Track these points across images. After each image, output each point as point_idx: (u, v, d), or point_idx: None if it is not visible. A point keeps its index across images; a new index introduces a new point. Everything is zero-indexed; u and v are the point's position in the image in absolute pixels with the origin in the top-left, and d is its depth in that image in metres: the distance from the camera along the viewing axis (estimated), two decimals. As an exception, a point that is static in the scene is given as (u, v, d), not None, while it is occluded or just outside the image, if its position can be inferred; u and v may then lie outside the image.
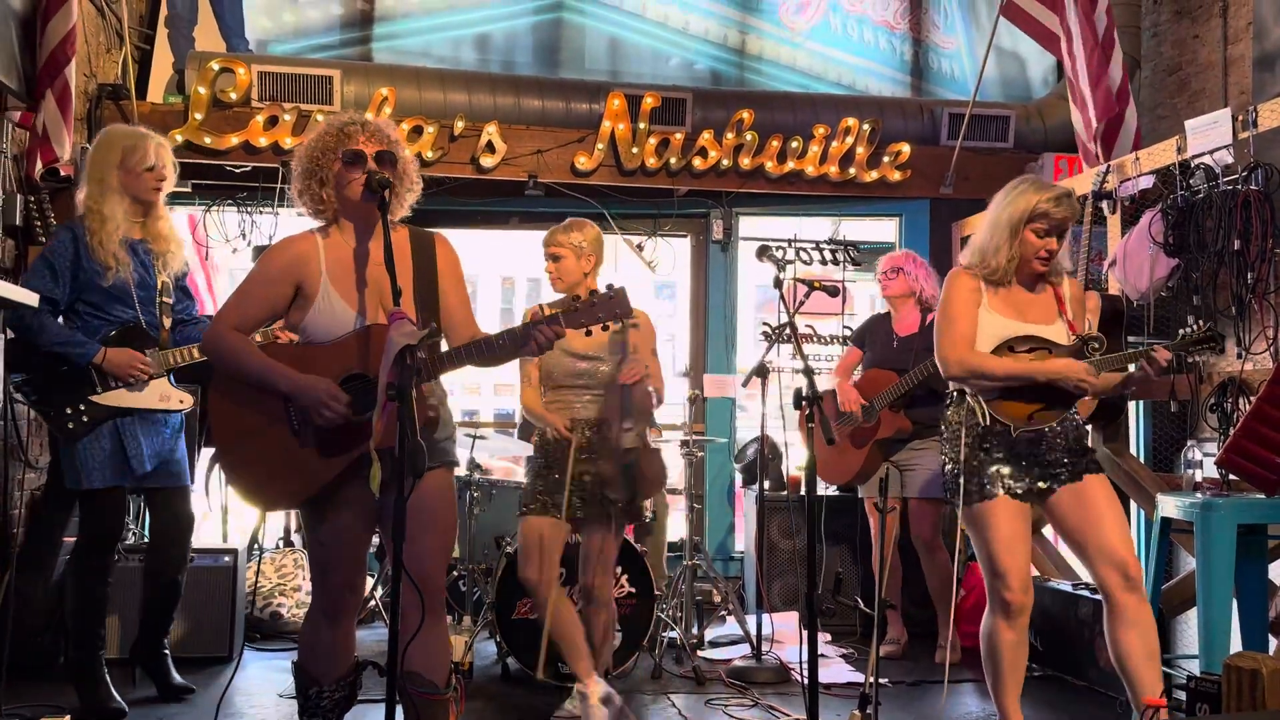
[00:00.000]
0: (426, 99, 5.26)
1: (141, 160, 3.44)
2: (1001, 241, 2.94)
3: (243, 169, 5.13)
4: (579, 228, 3.39)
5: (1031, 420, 2.93)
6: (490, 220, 5.81)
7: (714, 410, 5.79)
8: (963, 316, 2.95)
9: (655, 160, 5.40)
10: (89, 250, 3.36)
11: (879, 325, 4.69)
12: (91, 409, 3.35)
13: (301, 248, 2.52)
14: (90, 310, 3.39)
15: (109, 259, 3.36)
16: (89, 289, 3.37)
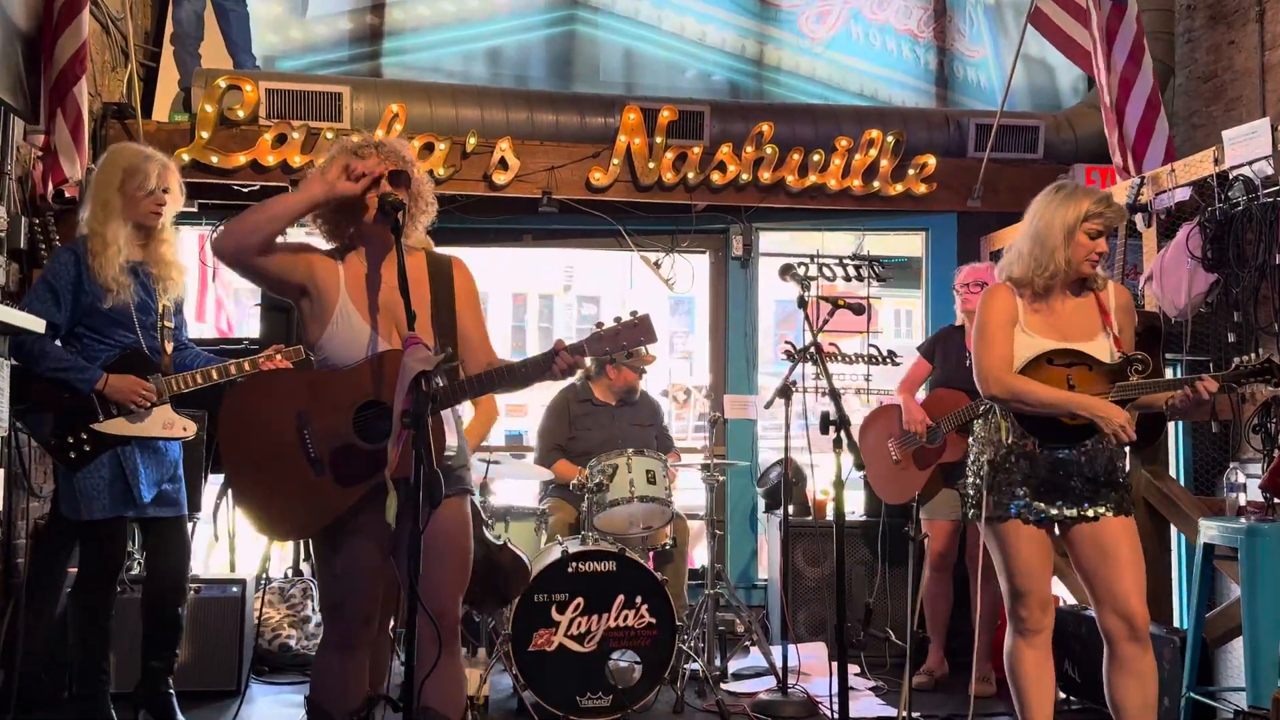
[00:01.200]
0: (438, 115, 5.32)
1: (141, 184, 3.47)
2: (1056, 246, 2.94)
3: (251, 188, 5.19)
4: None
5: (1059, 438, 2.93)
6: (503, 238, 5.86)
7: (735, 432, 5.79)
8: (999, 334, 2.97)
9: (672, 175, 5.43)
10: (90, 273, 3.39)
11: (951, 340, 4.53)
12: (94, 438, 3.36)
13: (325, 259, 2.58)
14: (91, 335, 3.42)
15: (110, 282, 3.38)
16: (90, 312, 3.40)
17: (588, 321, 21.42)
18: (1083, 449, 2.94)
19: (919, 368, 4.69)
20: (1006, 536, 2.94)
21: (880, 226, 5.98)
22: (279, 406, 2.49)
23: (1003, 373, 2.94)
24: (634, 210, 5.64)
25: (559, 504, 4.74)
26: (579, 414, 4.94)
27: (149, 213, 3.48)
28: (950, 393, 4.44)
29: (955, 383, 4.44)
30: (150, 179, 3.48)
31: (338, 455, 2.47)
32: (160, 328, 3.50)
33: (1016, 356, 2.96)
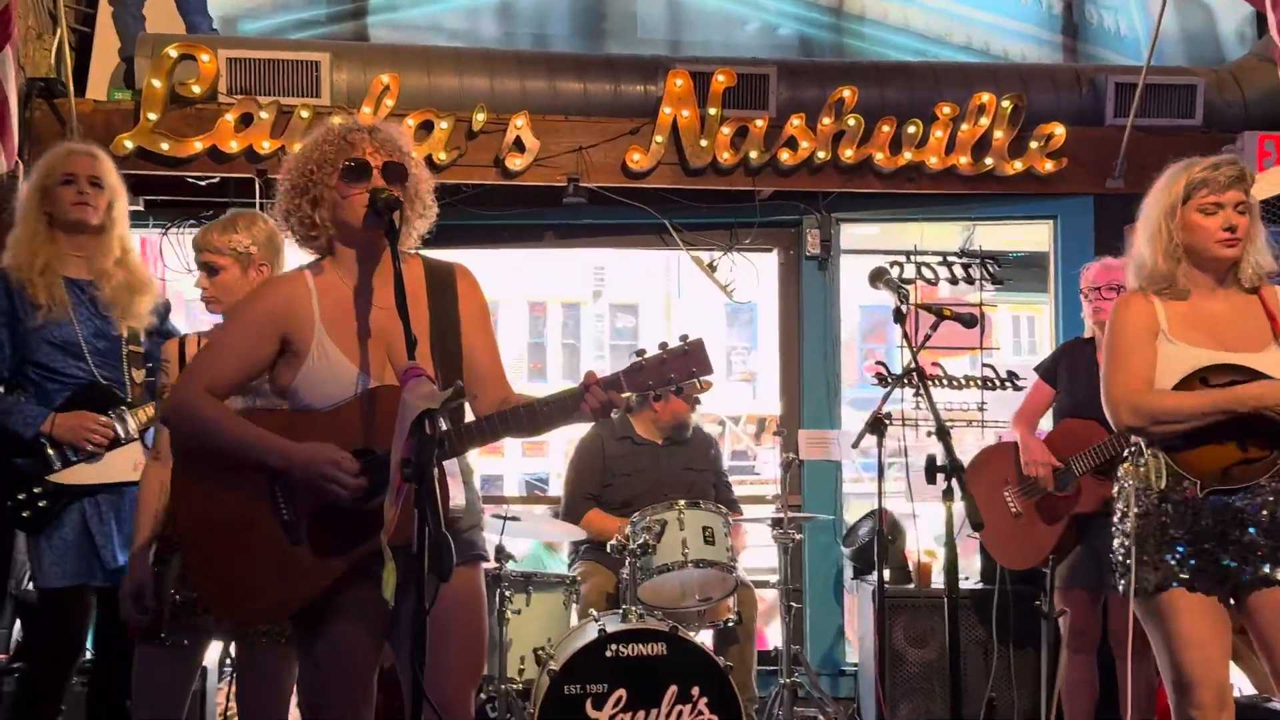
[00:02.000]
0: (438, 86, 5.37)
1: (54, 170, 3.54)
2: (1165, 237, 2.95)
3: (209, 180, 5.26)
4: (246, 224, 3.24)
5: (1229, 476, 2.88)
6: (519, 236, 5.87)
7: (814, 477, 5.76)
8: (1135, 350, 2.94)
9: (730, 155, 5.43)
10: (21, 295, 3.45)
11: (1080, 356, 4.52)
12: (51, 491, 3.42)
13: (289, 290, 2.57)
14: (42, 374, 3.48)
15: (37, 294, 3.44)
16: (34, 346, 3.46)
17: (623, 336, 21.45)
18: (1258, 491, 2.88)
19: (1039, 394, 4.64)
20: (1167, 611, 2.89)
21: (995, 214, 5.92)
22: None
23: (1136, 394, 2.91)
24: (682, 200, 5.63)
25: (593, 569, 4.74)
26: (617, 455, 4.95)
27: (71, 206, 3.52)
28: (1082, 423, 4.37)
29: (1087, 410, 4.34)
30: (63, 163, 3.54)
31: (320, 516, 2.47)
32: (125, 354, 3.55)
33: (1164, 373, 2.92)
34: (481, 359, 2.63)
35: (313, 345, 2.53)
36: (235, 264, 3.21)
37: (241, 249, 3.20)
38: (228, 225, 3.23)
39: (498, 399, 2.60)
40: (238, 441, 2.48)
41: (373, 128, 2.61)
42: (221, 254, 3.21)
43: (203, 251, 3.24)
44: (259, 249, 3.22)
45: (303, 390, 2.53)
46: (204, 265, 3.24)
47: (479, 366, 2.62)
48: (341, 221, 2.56)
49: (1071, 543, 4.40)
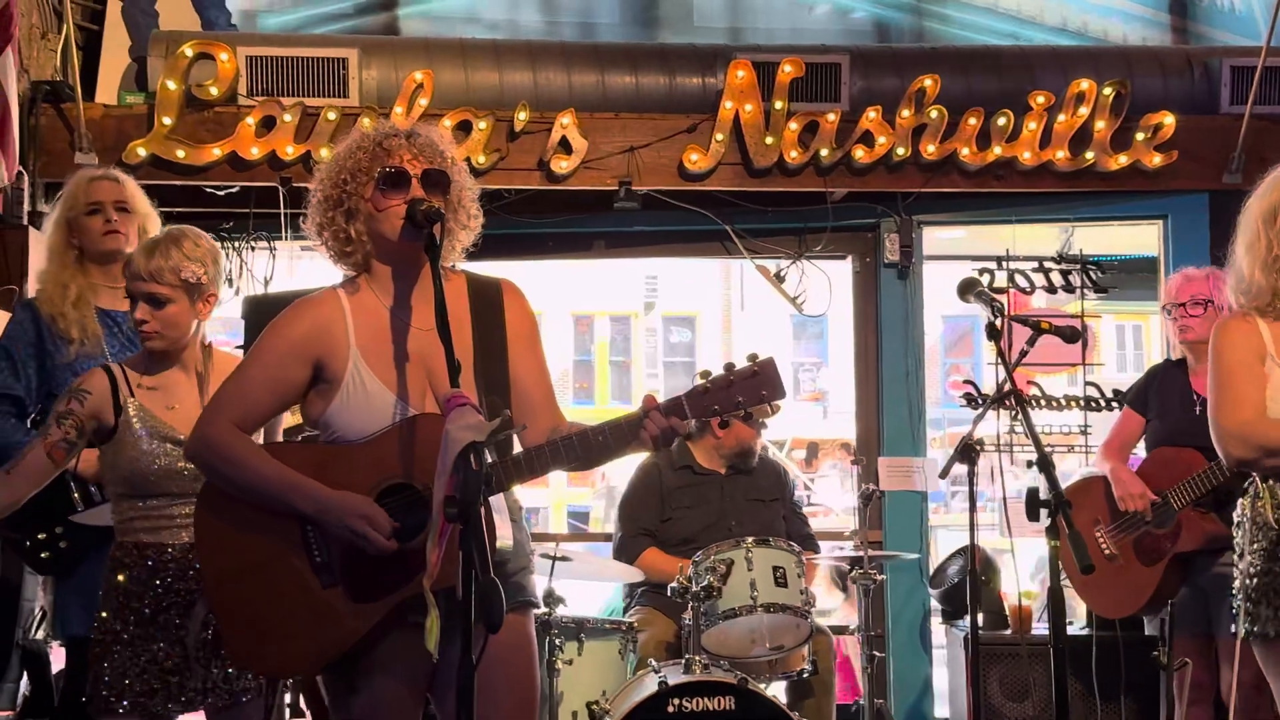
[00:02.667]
0: (476, 82, 5.44)
1: (77, 201, 3.66)
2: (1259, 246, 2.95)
3: (229, 190, 5.36)
4: (191, 245, 3.11)
5: None
6: (565, 245, 5.91)
7: (897, 510, 5.73)
8: (1240, 377, 2.95)
9: (799, 153, 5.43)
10: (50, 327, 3.56)
11: (1171, 380, 4.50)
12: (73, 534, 3.47)
13: (321, 312, 2.61)
14: None
15: (69, 327, 3.55)
16: (62, 380, 3.53)
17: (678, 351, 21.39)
18: None
19: (1129, 423, 4.61)
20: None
21: (1097, 214, 5.88)
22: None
23: (1244, 425, 2.91)
24: (745, 203, 5.65)
25: (651, 615, 4.73)
26: (675, 486, 4.94)
27: (101, 236, 3.64)
28: (1178, 452, 4.32)
29: (1183, 437, 4.30)
30: (89, 191, 3.65)
31: (355, 560, 2.48)
32: None
33: (1275, 400, 2.92)
34: (531, 384, 2.65)
35: (348, 372, 2.56)
36: (184, 295, 3.09)
37: (192, 278, 3.08)
38: (168, 247, 3.09)
39: (548, 428, 2.61)
40: (267, 483, 2.52)
41: (411, 132, 2.64)
42: (167, 283, 3.07)
43: (145, 280, 3.07)
44: (209, 276, 3.12)
45: (337, 421, 2.57)
46: (147, 297, 3.08)
47: (528, 393, 2.63)
48: (378, 235, 2.59)
49: (1175, 585, 4.35)
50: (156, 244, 3.11)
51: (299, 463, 2.54)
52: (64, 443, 3.10)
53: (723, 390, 2.41)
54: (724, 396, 2.41)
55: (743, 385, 2.41)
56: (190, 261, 3.08)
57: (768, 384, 2.41)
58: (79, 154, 5.14)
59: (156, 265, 3.07)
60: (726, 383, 2.41)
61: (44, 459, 3.11)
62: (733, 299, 17.94)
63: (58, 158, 5.22)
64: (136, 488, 3.08)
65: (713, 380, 2.43)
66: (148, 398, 3.11)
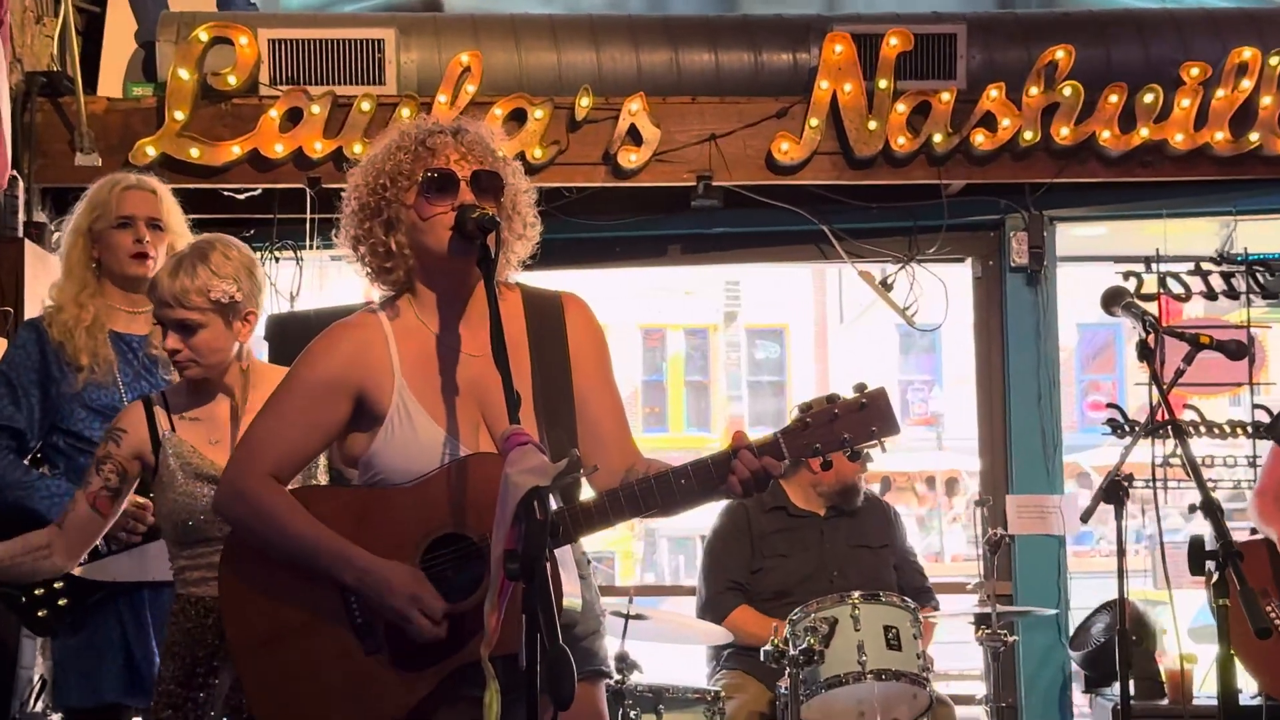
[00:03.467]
0: (531, 64, 5.47)
1: (107, 211, 3.67)
2: None
3: (250, 193, 5.43)
4: (219, 260, 3.11)
5: None
6: (635, 251, 5.94)
7: (1029, 557, 5.69)
8: None
9: (907, 140, 5.42)
10: (58, 351, 3.60)
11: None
12: (75, 588, 3.50)
13: (361, 337, 2.62)
14: (74, 443, 3.60)
15: (79, 354, 3.58)
16: (68, 412, 3.60)
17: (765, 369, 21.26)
18: None
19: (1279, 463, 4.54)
20: None
21: (1264, 207, 5.82)
22: (309, 546, 2.57)
23: None
24: (844, 199, 5.64)
25: (742, 682, 4.72)
26: (767, 530, 4.93)
27: (129, 259, 3.66)
28: None
29: None
30: (120, 203, 3.67)
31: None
32: None
33: None
34: (601, 417, 2.64)
35: (392, 405, 2.56)
36: (217, 317, 3.11)
37: (224, 297, 3.09)
38: (194, 265, 3.10)
39: (622, 468, 2.60)
40: (303, 546, 2.53)
41: (457, 127, 2.64)
42: (198, 307, 3.08)
43: (173, 306, 3.09)
44: (244, 293, 3.13)
45: (380, 462, 2.58)
46: (176, 324, 3.10)
47: (598, 427, 2.63)
48: (422, 248, 2.59)
49: None
50: (180, 262, 3.11)
51: (337, 510, 2.56)
52: (106, 490, 3.13)
53: (826, 426, 2.40)
54: (827, 433, 2.40)
55: (849, 420, 2.40)
56: (220, 279, 3.09)
57: (879, 419, 2.40)
58: (80, 155, 5.23)
59: (181, 287, 3.07)
60: (830, 417, 2.40)
61: (88, 512, 3.14)
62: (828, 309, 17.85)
63: (56, 159, 5.32)
64: (182, 534, 3.10)
65: (814, 414, 2.42)
66: (189, 431, 3.14)
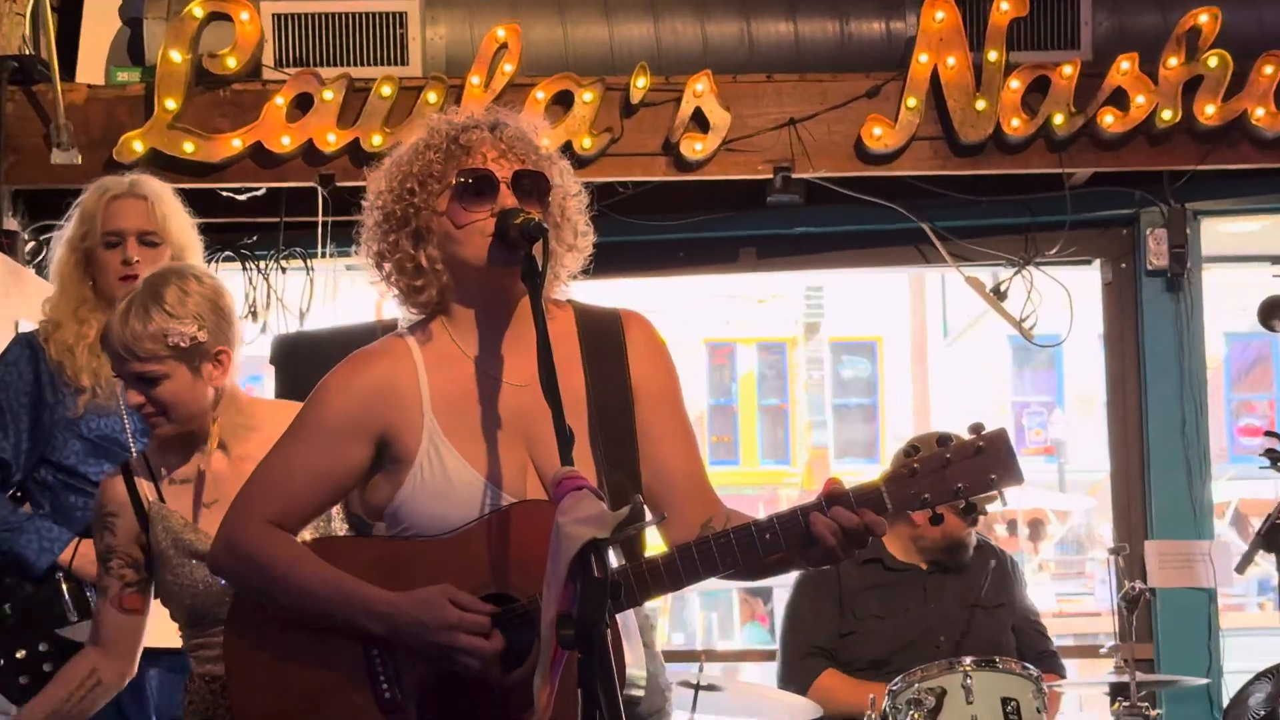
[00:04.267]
0: (577, 39, 5.48)
1: (93, 226, 3.74)
2: None
3: (253, 194, 5.46)
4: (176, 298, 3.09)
5: None
6: (701, 255, 5.94)
7: (1173, 614, 5.66)
8: None
9: (1022, 121, 5.38)
10: (54, 371, 3.67)
11: None
12: (62, 652, 3.54)
13: (385, 368, 2.62)
14: (65, 479, 3.68)
15: (80, 374, 3.64)
16: (62, 440, 3.67)
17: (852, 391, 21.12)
18: None
19: None
20: None
21: None
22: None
23: None
24: (948, 191, 5.63)
25: (833, 763, 4.71)
26: (860, 587, 4.90)
27: (116, 281, 3.71)
28: None
29: None
30: (106, 215, 3.73)
31: (438, 695, 2.49)
32: None
33: None
34: (670, 457, 2.64)
35: (422, 447, 2.56)
36: (179, 364, 3.10)
37: (185, 341, 3.08)
38: (146, 306, 3.09)
39: (696, 518, 2.58)
40: (316, 595, 2.52)
41: (495, 121, 2.64)
42: (154, 355, 3.07)
43: (125, 360, 3.09)
44: (208, 331, 3.11)
45: (408, 513, 2.57)
46: (133, 378, 3.11)
47: (667, 469, 2.62)
48: (457, 261, 2.59)
49: None
50: (130, 304, 3.08)
51: (358, 566, 2.55)
52: (128, 588, 3.14)
53: (936, 473, 2.39)
54: (937, 481, 2.39)
55: (964, 466, 2.39)
56: (176, 320, 3.07)
57: (998, 465, 2.39)
58: (57, 151, 5.26)
59: (133, 334, 3.05)
60: (941, 462, 2.39)
61: (121, 618, 3.15)
62: (929, 321, 17.71)
63: (30, 156, 5.37)
64: (190, 616, 3.12)
65: (922, 460, 2.40)
66: (178, 497, 3.15)
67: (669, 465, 2.64)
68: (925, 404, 18.17)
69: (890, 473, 2.42)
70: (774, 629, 17.46)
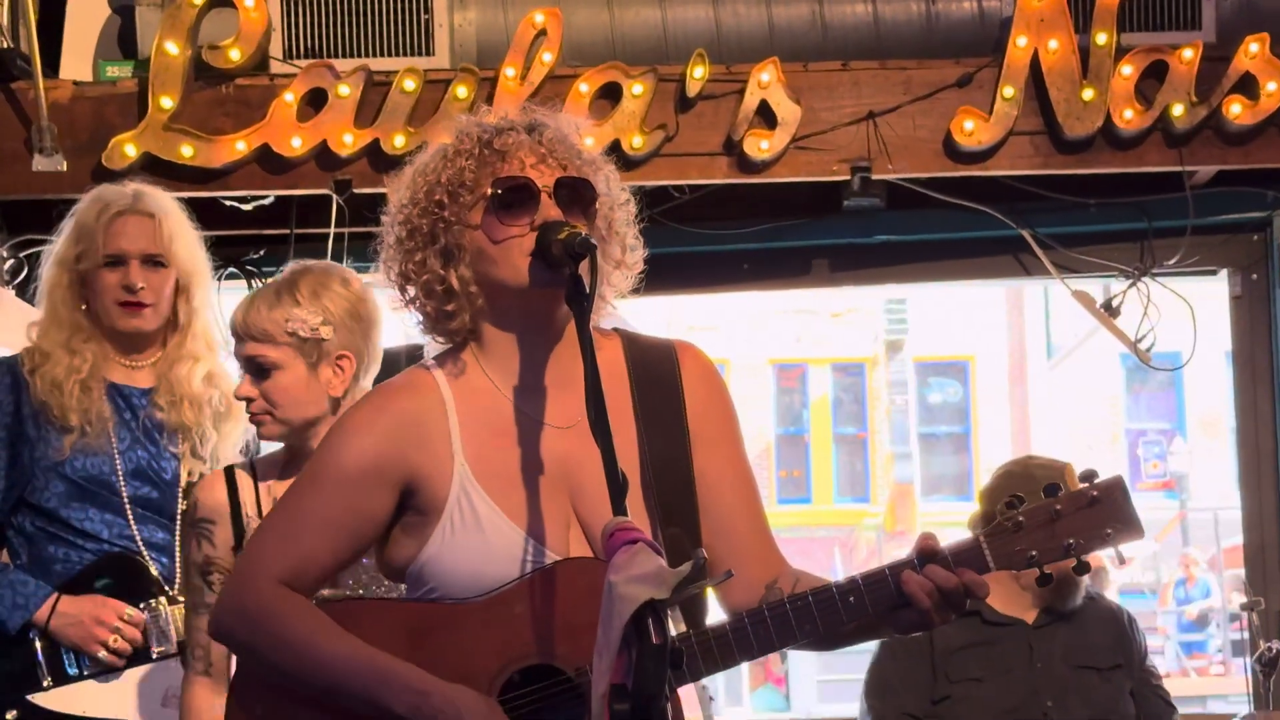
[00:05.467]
0: (625, 23, 5.50)
1: (92, 244, 3.76)
2: None
3: (259, 202, 5.49)
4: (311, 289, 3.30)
5: None
6: (768, 268, 5.94)
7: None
8: None
9: (1136, 112, 5.36)
10: (38, 402, 3.70)
11: None
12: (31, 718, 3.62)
13: (410, 408, 2.63)
14: (44, 529, 3.71)
15: (68, 413, 3.67)
16: (43, 482, 3.70)
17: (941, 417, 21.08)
18: None
19: None
20: None
21: None
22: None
23: None
24: (1051, 193, 5.62)
25: None
26: (955, 645, 4.87)
27: (117, 310, 3.76)
28: None
29: None
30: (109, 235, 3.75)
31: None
32: (181, 512, 3.74)
33: None
34: (732, 508, 2.65)
35: (451, 495, 2.57)
36: (297, 357, 3.28)
37: (305, 330, 3.26)
38: (279, 292, 3.30)
39: (761, 578, 2.59)
40: (335, 670, 2.53)
41: (533, 122, 2.65)
42: (272, 341, 3.27)
43: (243, 340, 3.31)
44: (336, 329, 3.28)
45: (435, 572, 2.58)
46: (246, 362, 3.30)
47: (729, 522, 2.63)
48: (493, 283, 2.60)
49: None
50: (264, 289, 3.31)
51: (382, 633, 2.56)
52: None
53: (1044, 527, 2.40)
54: (1045, 537, 2.40)
55: (1076, 519, 2.40)
56: (302, 309, 3.23)
57: (1115, 517, 2.40)
58: (39, 156, 5.27)
59: (255, 316, 3.25)
60: (1050, 515, 2.40)
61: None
62: (1029, 339, 17.68)
63: (9, 162, 5.40)
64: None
65: (1028, 511, 2.41)
66: None
67: (731, 517, 2.66)
68: (1024, 432, 18.12)
69: (993, 526, 2.42)
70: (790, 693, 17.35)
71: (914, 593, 2.40)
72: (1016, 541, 2.40)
